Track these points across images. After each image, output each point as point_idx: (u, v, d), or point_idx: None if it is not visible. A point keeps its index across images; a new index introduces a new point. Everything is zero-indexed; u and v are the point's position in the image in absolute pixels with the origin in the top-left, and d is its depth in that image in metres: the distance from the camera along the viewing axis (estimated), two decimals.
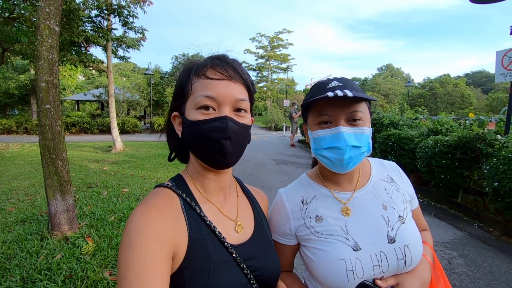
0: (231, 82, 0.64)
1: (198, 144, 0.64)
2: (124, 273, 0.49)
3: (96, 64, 9.55)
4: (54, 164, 2.92)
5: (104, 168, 6.89)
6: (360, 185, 0.83)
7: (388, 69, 59.63)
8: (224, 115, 0.62)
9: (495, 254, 3.18)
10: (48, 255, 2.66)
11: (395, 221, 0.76)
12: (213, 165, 0.66)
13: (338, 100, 0.72)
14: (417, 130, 6.34)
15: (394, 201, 0.80)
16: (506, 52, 4.40)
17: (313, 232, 0.78)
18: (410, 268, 0.74)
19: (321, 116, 0.75)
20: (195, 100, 0.63)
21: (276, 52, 49.32)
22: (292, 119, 13.07)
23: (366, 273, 0.71)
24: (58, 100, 2.95)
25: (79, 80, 31.73)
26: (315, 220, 0.79)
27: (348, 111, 0.72)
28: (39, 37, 2.79)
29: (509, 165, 3.48)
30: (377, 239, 0.74)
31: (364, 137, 0.73)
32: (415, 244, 0.74)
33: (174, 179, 0.70)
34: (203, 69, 0.65)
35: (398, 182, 0.86)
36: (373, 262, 0.71)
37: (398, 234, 0.74)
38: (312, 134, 0.78)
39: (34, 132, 16.21)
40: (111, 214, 3.70)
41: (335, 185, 0.83)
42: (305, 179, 0.90)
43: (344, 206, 0.79)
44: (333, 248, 0.73)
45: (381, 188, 0.83)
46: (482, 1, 4.53)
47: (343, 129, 0.71)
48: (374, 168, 0.88)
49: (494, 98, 31.91)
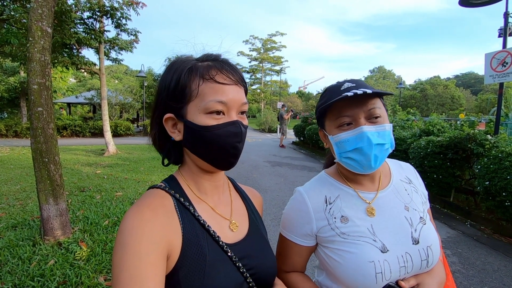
0: (237, 87, 0.65)
1: (209, 149, 0.63)
2: (119, 274, 0.49)
3: (89, 66, 9.43)
4: (47, 168, 2.87)
5: (97, 172, 6.80)
6: (382, 186, 0.82)
7: (380, 71, 60.42)
8: (235, 119, 0.63)
9: (487, 251, 3.24)
10: (41, 261, 2.60)
11: (417, 222, 0.76)
12: (223, 167, 0.66)
13: (356, 100, 0.71)
14: (409, 131, 6.43)
15: (415, 202, 0.80)
16: (494, 54, 4.50)
17: (338, 233, 0.76)
18: (430, 268, 0.74)
19: (341, 118, 0.73)
20: (204, 104, 0.61)
21: (270, 55, 49.56)
22: (282, 120, 13.14)
23: (394, 274, 0.70)
24: (50, 102, 2.90)
25: (70, 83, 31.28)
26: (340, 221, 0.77)
27: (367, 109, 0.72)
28: (31, 38, 2.74)
29: (499, 164, 3.56)
30: (402, 240, 0.73)
31: (387, 134, 0.73)
32: (436, 244, 0.75)
33: (167, 180, 0.69)
34: (210, 71, 0.63)
35: (416, 183, 0.86)
36: (399, 263, 0.71)
37: (421, 235, 0.74)
38: (334, 138, 0.76)
39: (24, 135, 15.87)
40: (105, 218, 3.65)
41: (358, 185, 0.81)
42: (325, 177, 0.86)
43: (369, 206, 0.78)
44: (361, 250, 0.72)
45: (402, 189, 0.82)
46: (471, 5, 4.64)
47: (366, 128, 0.70)
48: (393, 168, 0.87)
49: (483, 99, 32.64)
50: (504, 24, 4.58)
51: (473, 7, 4.71)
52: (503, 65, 4.40)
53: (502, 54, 4.42)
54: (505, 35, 4.60)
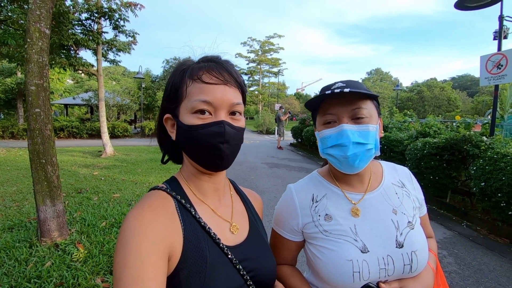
0: (226, 87, 0.64)
1: (194, 148, 0.64)
2: (120, 275, 0.49)
3: (86, 67, 9.42)
4: (44, 169, 2.86)
5: (94, 173, 6.77)
6: (371, 188, 0.83)
7: (377, 73, 60.76)
8: (221, 119, 0.62)
9: (483, 252, 3.27)
10: (38, 262, 2.59)
11: (404, 226, 0.76)
12: (209, 168, 0.66)
13: (342, 100, 0.74)
14: (406, 132, 6.47)
15: (405, 207, 0.81)
16: (489, 57, 4.55)
17: (321, 230, 0.78)
18: (415, 274, 0.74)
19: (326, 116, 0.77)
20: (191, 104, 0.62)
21: (267, 57, 49.66)
22: (279, 122, 13.16)
23: (372, 275, 0.71)
24: (48, 104, 2.90)
25: (67, 84, 31.13)
26: (324, 219, 0.79)
27: (351, 109, 0.74)
28: (29, 40, 2.74)
29: (495, 165, 3.59)
30: (385, 243, 0.74)
31: (370, 134, 0.74)
32: (422, 250, 0.75)
33: (169, 181, 0.70)
34: (198, 72, 0.64)
35: (409, 187, 0.87)
36: (379, 265, 0.71)
37: (407, 239, 0.74)
38: (319, 134, 0.80)
39: (21, 137, 15.79)
40: (102, 220, 3.63)
41: (346, 185, 0.83)
42: (316, 176, 0.89)
43: (354, 206, 0.79)
44: (340, 248, 0.73)
45: (392, 192, 0.83)
46: (466, 8, 4.69)
47: (345, 126, 0.73)
48: (386, 172, 0.88)
49: (479, 101, 32.90)
50: (499, 27, 4.63)
51: (469, 10, 4.76)
52: (498, 67, 4.45)
53: (497, 57, 4.47)
54: (500, 37, 4.65)
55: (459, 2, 4.58)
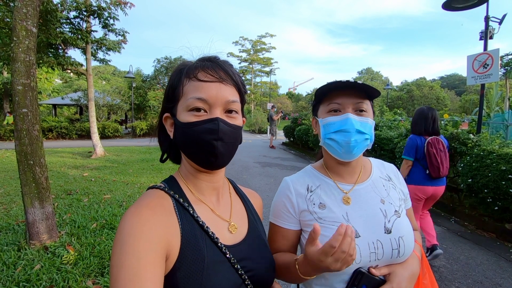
0: (222, 84, 0.64)
1: (190, 146, 0.64)
2: (117, 274, 0.49)
3: (75, 67, 9.24)
4: (32, 170, 2.80)
5: (84, 174, 6.66)
6: (361, 180, 0.89)
7: (368, 72, 61.50)
8: (215, 116, 0.62)
9: (470, 247, 3.36)
10: (26, 266, 2.54)
11: (391, 214, 0.83)
12: (205, 166, 0.66)
13: (348, 93, 0.82)
14: (396, 131, 6.57)
15: (391, 197, 0.87)
16: (476, 57, 4.66)
17: (316, 218, 0.83)
18: (403, 259, 0.79)
19: (332, 105, 0.83)
20: (186, 102, 0.63)
21: (259, 56, 49.59)
22: (272, 121, 13.22)
23: (363, 259, 0.75)
24: (35, 103, 2.84)
25: (56, 84, 30.48)
26: (318, 207, 0.84)
27: (356, 102, 0.82)
28: (15, 38, 2.68)
29: (481, 162, 3.69)
30: (375, 228, 0.79)
31: (368, 126, 0.82)
32: (408, 236, 0.81)
33: (167, 180, 0.70)
34: (194, 71, 0.65)
35: (395, 181, 0.94)
36: (370, 249, 0.76)
37: (394, 226, 0.80)
38: (323, 121, 0.86)
39: (7, 138, 15.38)
40: (92, 222, 3.58)
41: (338, 177, 0.90)
42: (310, 169, 0.96)
43: (345, 195, 0.85)
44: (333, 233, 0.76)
45: (380, 185, 0.90)
46: (453, 9, 4.79)
47: (351, 115, 0.80)
48: (374, 166, 0.96)
49: (466, 99, 33.68)
50: (485, 27, 4.75)
51: (456, 10, 4.86)
52: (484, 66, 4.57)
53: (483, 56, 4.59)
54: (486, 38, 4.77)
55: (446, 3, 4.68)
